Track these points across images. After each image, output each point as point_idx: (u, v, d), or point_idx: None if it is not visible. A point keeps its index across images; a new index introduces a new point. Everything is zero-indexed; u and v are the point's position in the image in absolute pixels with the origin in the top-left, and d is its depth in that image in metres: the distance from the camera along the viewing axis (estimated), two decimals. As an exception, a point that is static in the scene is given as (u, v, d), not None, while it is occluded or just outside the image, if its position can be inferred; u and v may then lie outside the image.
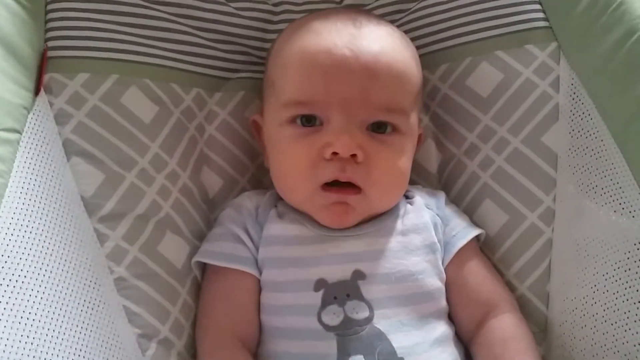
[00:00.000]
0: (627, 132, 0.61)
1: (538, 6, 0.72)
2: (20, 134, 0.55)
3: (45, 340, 0.48)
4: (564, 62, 0.69)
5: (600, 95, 0.64)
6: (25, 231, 0.51)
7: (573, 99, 0.67)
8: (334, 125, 0.61)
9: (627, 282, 0.58)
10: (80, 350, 0.51)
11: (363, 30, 0.63)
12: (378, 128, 0.63)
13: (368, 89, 0.61)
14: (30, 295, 0.49)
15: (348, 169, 0.61)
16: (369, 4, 0.78)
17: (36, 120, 0.58)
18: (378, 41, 0.63)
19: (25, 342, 0.47)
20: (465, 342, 0.65)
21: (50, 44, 0.64)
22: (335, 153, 0.60)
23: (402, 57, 0.64)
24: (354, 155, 0.60)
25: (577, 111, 0.67)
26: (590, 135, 0.65)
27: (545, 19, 0.71)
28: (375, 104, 0.61)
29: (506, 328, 0.63)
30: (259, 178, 0.77)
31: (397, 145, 0.64)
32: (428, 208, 0.69)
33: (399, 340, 0.59)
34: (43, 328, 0.49)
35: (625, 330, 0.58)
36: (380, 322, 0.59)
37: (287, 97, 0.64)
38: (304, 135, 0.63)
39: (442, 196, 0.71)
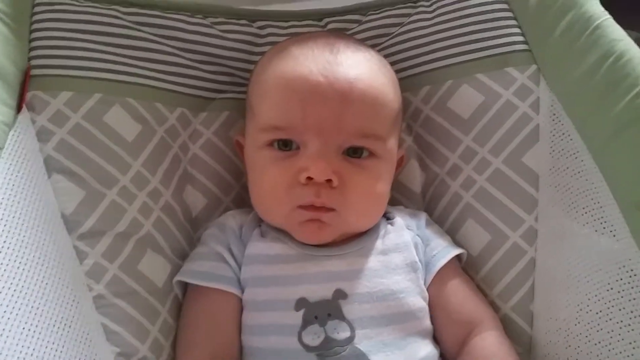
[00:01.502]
0: (606, 152, 0.61)
1: (517, 30, 0.73)
2: (1, 149, 0.55)
3: (18, 358, 0.47)
4: (544, 84, 0.70)
5: (579, 116, 0.65)
6: (2, 246, 0.51)
7: (553, 120, 0.68)
8: (310, 151, 0.61)
9: (609, 302, 0.58)
10: (55, 366, 0.50)
11: (339, 57, 0.63)
12: (354, 152, 0.63)
13: (343, 115, 0.61)
14: (5, 310, 0.48)
15: (323, 194, 0.61)
16: (352, 29, 0.80)
17: (17, 137, 0.58)
18: (354, 67, 0.63)
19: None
20: (450, 362, 0.64)
21: (34, 62, 0.64)
22: (310, 178, 0.61)
23: (377, 83, 0.64)
24: (329, 180, 0.61)
25: (557, 132, 0.67)
26: (570, 155, 0.66)
27: (525, 42, 0.73)
28: (350, 129, 0.62)
29: (489, 346, 0.62)
30: (243, 197, 0.76)
31: (373, 169, 0.64)
32: (409, 229, 0.69)
33: None
34: (17, 345, 0.48)
35: (609, 350, 0.57)
36: (362, 343, 0.59)
37: (264, 121, 0.64)
38: (281, 159, 0.63)
39: (422, 217, 0.72)
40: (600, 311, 0.59)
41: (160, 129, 0.70)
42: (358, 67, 0.64)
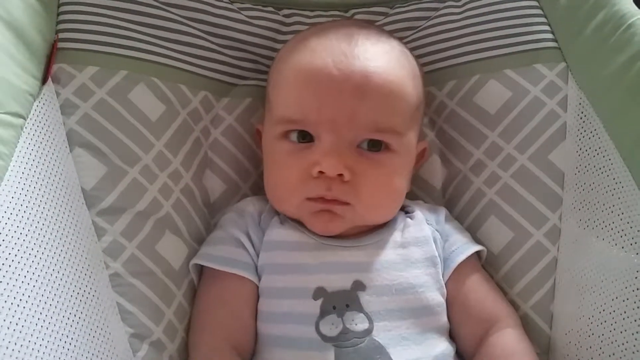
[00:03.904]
0: (636, 152, 0.60)
1: (547, 27, 0.73)
2: (25, 119, 0.54)
3: (34, 330, 0.47)
4: (572, 82, 0.69)
5: (609, 115, 0.64)
6: (22, 216, 0.50)
7: (581, 119, 0.67)
8: (323, 145, 0.61)
9: (635, 303, 0.57)
10: (69, 341, 0.49)
11: (357, 49, 0.62)
12: (373, 146, 0.63)
13: (357, 110, 0.60)
14: (22, 281, 0.47)
15: (334, 188, 0.61)
16: (378, 21, 0.79)
17: (42, 108, 0.58)
18: (371, 61, 0.61)
19: (15, 328, 0.45)
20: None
21: (62, 35, 0.64)
22: (322, 172, 0.60)
23: (395, 77, 0.63)
24: (340, 175, 0.60)
25: (585, 130, 0.67)
26: (598, 154, 0.65)
27: (554, 40, 0.72)
28: (365, 124, 0.61)
29: (508, 344, 0.61)
30: (261, 185, 0.74)
31: (388, 164, 0.63)
32: (428, 223, 0.68)
33: (399, 354, 0.57)
34: (33, 317, 0.47)
35: (634, 352, 0.56)
36: (380, 335, 0.58)
37: (279, 113, 0.64)
38: (296, 151, 0.63)
39: (442, 212, 0.71)
40: (625, 312, 0.57)
41: (183, 111, 0.70)
42: (375, 60, 0.62)
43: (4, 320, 0.45)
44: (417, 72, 0.68)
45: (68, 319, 0.50)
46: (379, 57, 0.63)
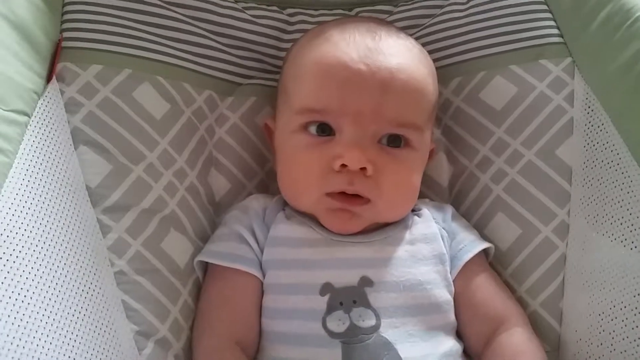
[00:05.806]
0: None
1: (552, 22, 0.73)
2: (29, 117, 0.55)
3: (39, 327, 0.46)
4: (579, 77, 0.69)
5: (616, 110, 0.64)
6: (26, 213, 0.50)
7: (588, 114, 0.67)
8: (346, 137, 0.60)
9: (647, 298, 0.56)
10: (74, 337, 0.49)
11: (381, 44, 0.62)
12: (393, 142, 0.62)
13: (381, 104, 0.60)
14: (27, 278, 0.47)
15: (356, 182, 0.60)
16: (384, 18, 0.79)
17: (46, 106, 0.58)
18: (395, 57, 0.62)
19: (19, 324, 0.45)
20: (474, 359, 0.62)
21: (66, 34, 0.64)
22: (344, 165, 0.59)
23: (418, 74, 0.63)
24: (363, 169, 0.60)
25: (592, 125, 0.66)
26: (605, 149, 0.64)
27: (560, 35, 0.72)
28: (388, 118, 0.61)
29: (516, 343, 0.60)
30: (266, 184, 0.75)
31: (408, 160, 0.63)
32: (435, 222, 0.67)
33: (407, 350, 0.57)
34: (38, 313, 0.47)
35: (645, 349, 0.55)
36: (387, 332, 0.57)
37: (300, 104, 0.63)
38: (316, 144, 0.62)
39: (448, 210, 0.70)
40: (636, 308, 0.57)
41: (187, 109, 0.70)
42: (400, 56, 0.62)
43: (9, 317, 0.44)
44: (434, 70, 0.68)
45: (73, 315, 0.50)
46: (403, 53, 0.63)
